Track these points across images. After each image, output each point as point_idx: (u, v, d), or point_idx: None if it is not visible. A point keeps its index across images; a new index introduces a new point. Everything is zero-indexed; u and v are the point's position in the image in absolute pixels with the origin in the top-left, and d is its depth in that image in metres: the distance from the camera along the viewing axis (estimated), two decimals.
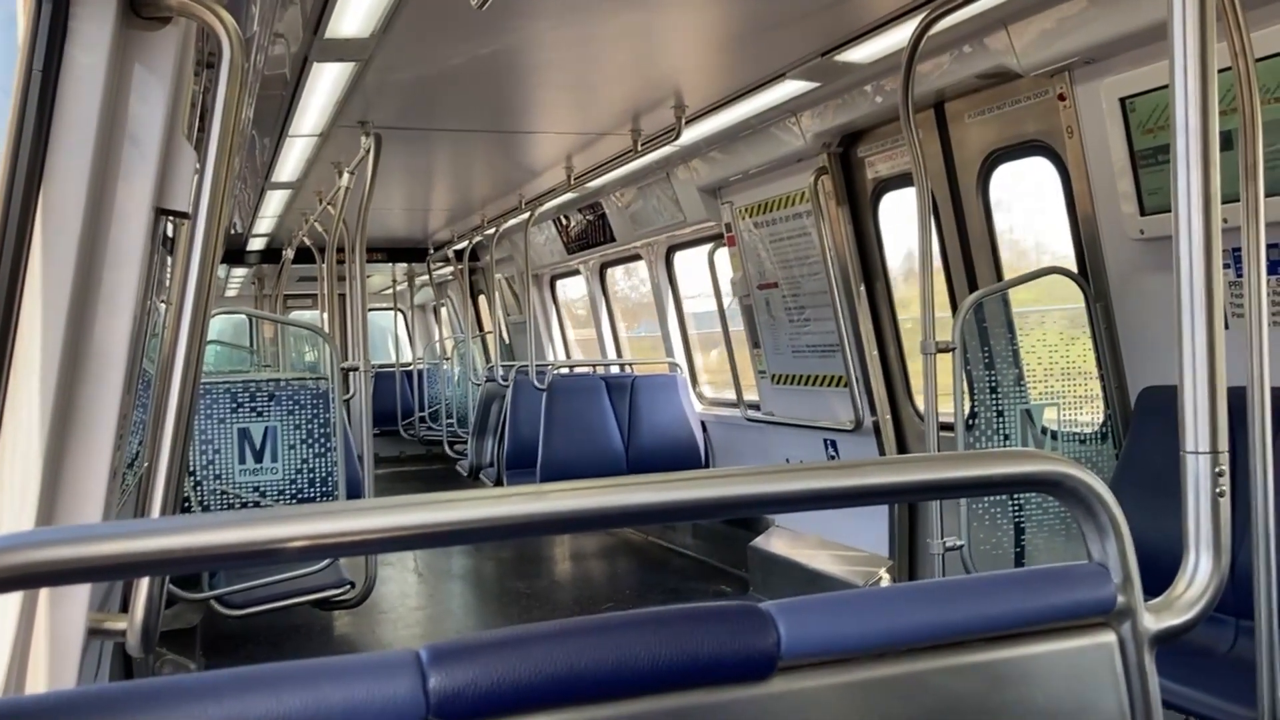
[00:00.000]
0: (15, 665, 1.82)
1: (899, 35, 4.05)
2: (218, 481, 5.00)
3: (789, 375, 6.64)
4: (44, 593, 1.96)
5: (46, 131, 1.86)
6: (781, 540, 6.79)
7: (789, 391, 6.69)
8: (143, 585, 2.12)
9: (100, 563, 0.87)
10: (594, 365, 9.61)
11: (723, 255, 6.99)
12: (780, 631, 1.11)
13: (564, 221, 9.31)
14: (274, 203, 8.07)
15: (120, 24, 1.89)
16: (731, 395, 7.68)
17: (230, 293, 14.10)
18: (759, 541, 6.87)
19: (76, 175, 1.89)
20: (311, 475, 5.01)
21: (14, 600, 1.82)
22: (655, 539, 9.14)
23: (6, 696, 1.72)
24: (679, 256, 8.55)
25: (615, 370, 9.33)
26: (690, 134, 5.65)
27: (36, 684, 1.92)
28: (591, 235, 8.98)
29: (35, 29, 1.81)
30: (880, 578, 5.84)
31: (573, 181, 7.12)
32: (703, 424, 8.32)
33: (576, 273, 10.28)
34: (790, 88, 4.90)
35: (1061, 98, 4.17)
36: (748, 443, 7.63)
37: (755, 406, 7.23)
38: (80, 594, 2.03)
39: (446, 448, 11.45)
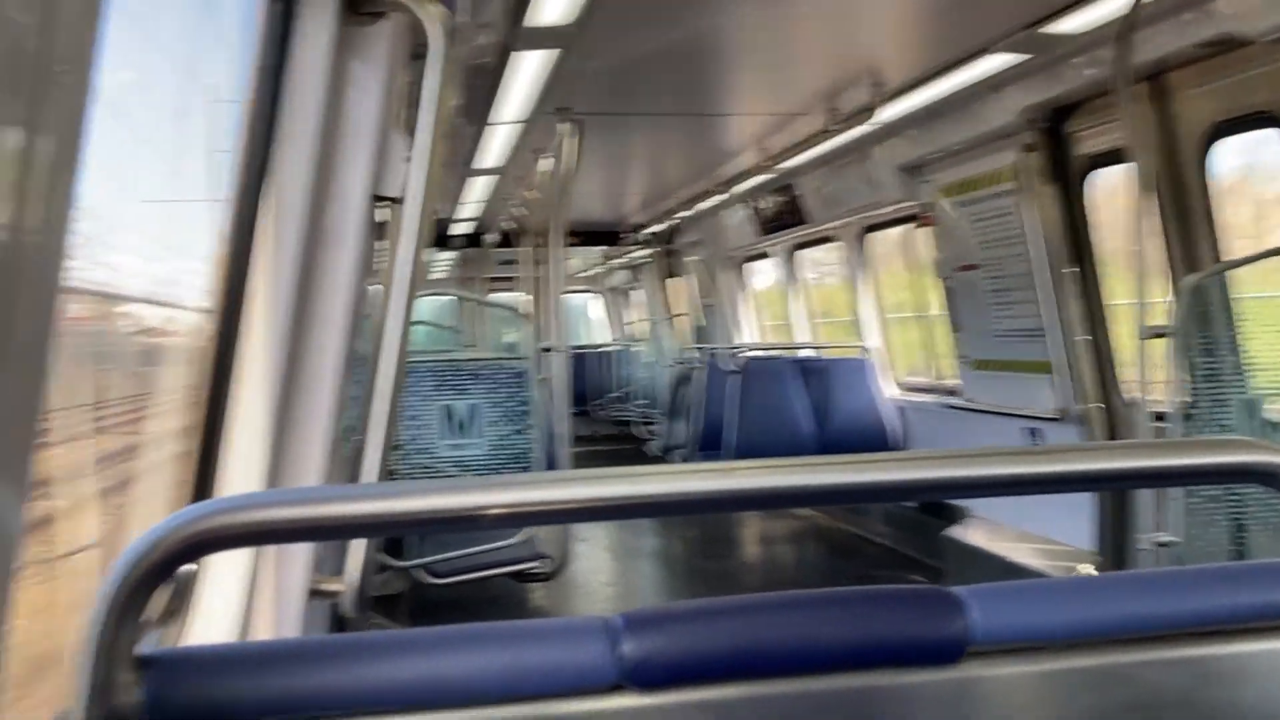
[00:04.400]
0: (245, 618, 1.97)
1: (1114, 3, 3.82)
2: (423, 455, 5.26)
3: (991, 361, 6.40)
4: (270, 554, 2.12)
5: (274, 124, 2.00)
6: (978, 531, 6.57)
7: (990, 377, 6.45)
8: (356, 550, 2.26)
9: (319, 523, 0.94)
10: (785, 349, 9.54)
11: (919, 237, 6.80)
12: (971, 616, 1.08)
13: (756, 204, 9.27)
14: (477, 188, 8.38)
15: (339, 21, 2.01)
16: (926, 380, 7.47)
17: (439, 276, 14.73)
18: (953, 531, 6.68)
19: (300, 164, 2.03)
20: (510, 450, 5.20)
21: (244, 557, 1.98)
22: (845, 525, 9.02)
23: (239, 641, 1.87)
24: (873, 238, 8.38)
25: (806, 354, 9.24)
26: (887, 112, 5.51)
27: (262, 636, 2.08)
28: (784, 217, 8.90)
29: (266, 30, 1.95)
30: (1085, 573, 5.57)
31: (766, 163, 7.07)
32: (899, 409, 8.14)
33: (767, 255, 10.23)
34: (995, 61, 4.70)
35: None
36: (945, 430, 7.41)
37: (953, 393, 7.01)
38: (302, 557, 2.19)
39: (637, 428, 11.63)
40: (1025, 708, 1.10)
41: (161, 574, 0.88)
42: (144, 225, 2.21)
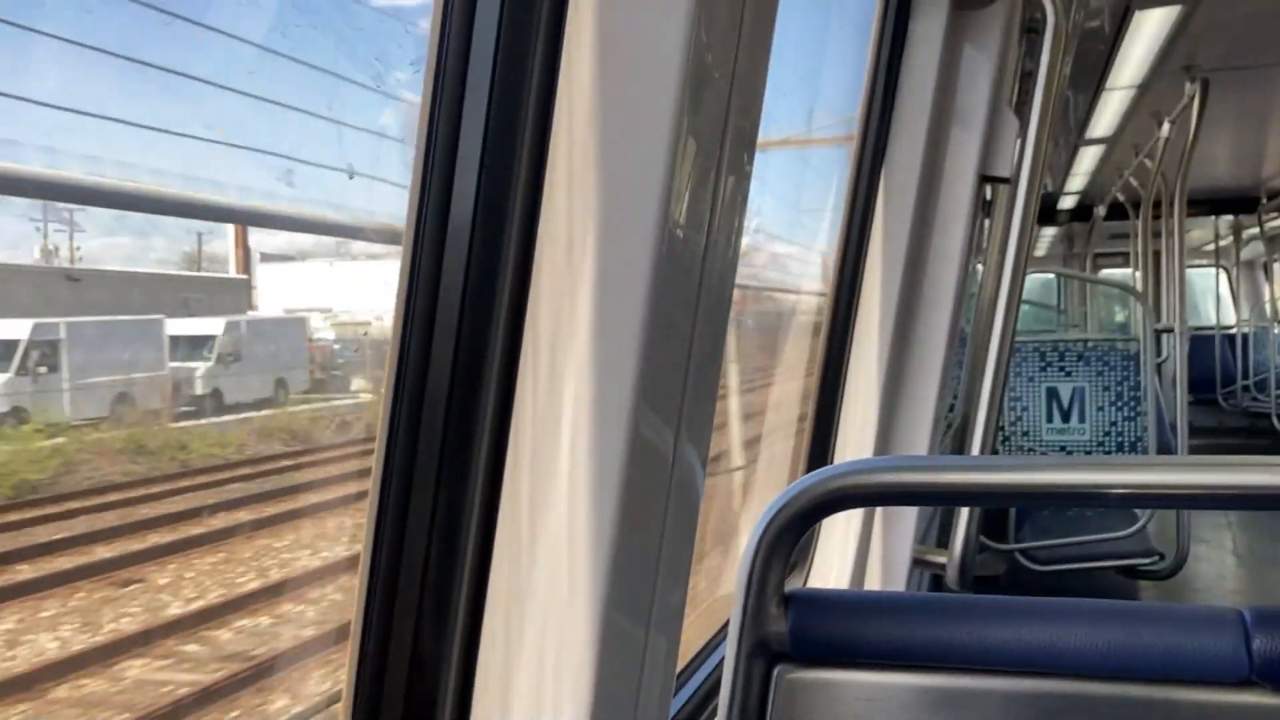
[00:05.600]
0: (855, 576, 2.13)
1: None
2: (1025, 438, 5.14)
3: None
4: (878, 522, 2.26)
5: (889, 111, 2.11)
6: None
7: None
8: (960, 525, 2.32)
9: (928, 489, 1.02)
10: None
11: None
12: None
13: None
14: (1086, 160, 7.93)
15: (953, 8, 2.06)
16: None
17: (1038, 253, 14.17)
18: None
19: (912, 150, 2.12)
20: (1120, 438, 4.89)
21: (856, 522, 2.13)
22: None
23: (874, 590, 2.03)
24: None
25: None
26: None
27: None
28: None
29: (882, 24, 2.06)
30: None
31: None
32: None
33: None
34: None
35: None
36: None
37: None
38: (908, 526, 2.30)
39: (1276, 421, 10.21)
40: None
41: (803, 524, 1.02)
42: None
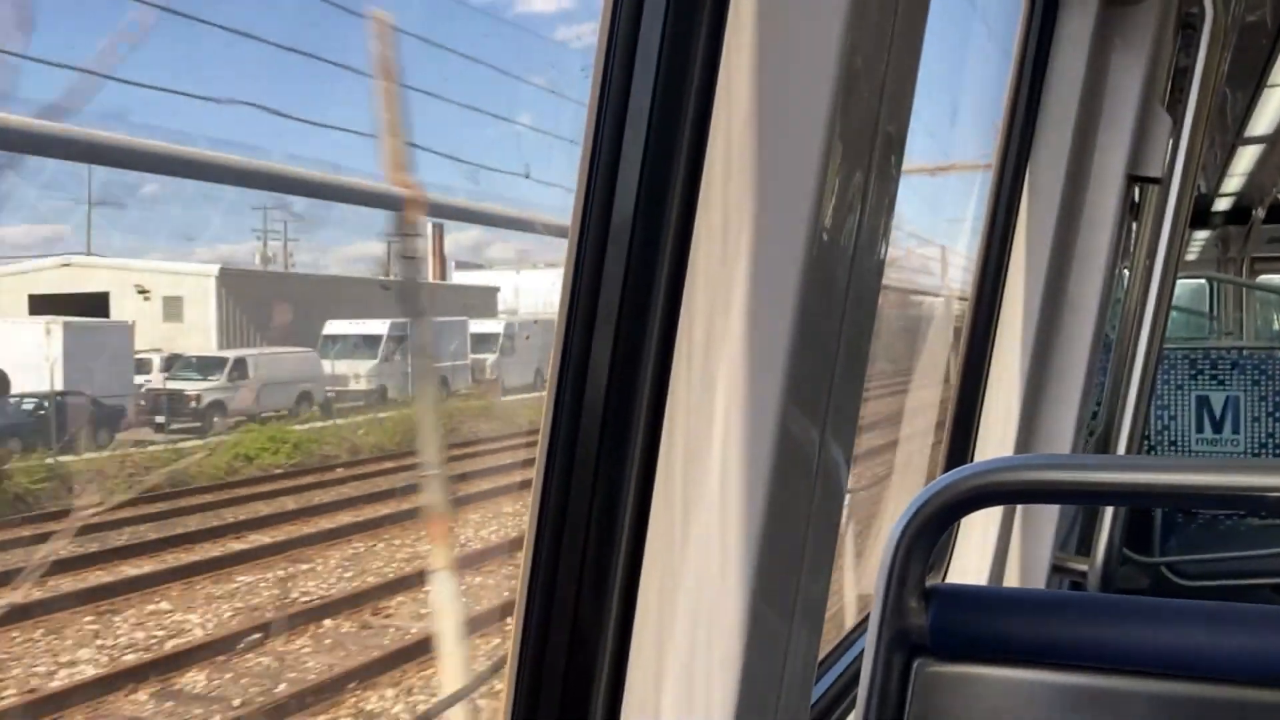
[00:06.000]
0: (992, 579, 2.11)
1: None
2: (1171, 448, 4.94)
3: None
4: (1017, 524, 2.23)
5: (1034, 112, 2.09)
6: None
7: None
8: (1103, 532, 2.27)
9: (1075, 487, 1.01)
10: None
11: None
12: None
13: None
14: (1244, 159, 7.56)
15: (1103, 5, 2.02)
16: None
17: (1188, 257, 13.54)
18: None
19: (1058, 148, 2.09)
20: (1278, 448, 4.67)
21: (994, 523, 2.11)
22: None
23: (1019, 587, 2.01)
24: None
25: None
26: None
27: None
28: None
29: (1028, 23, 2.04)
30: None
31: None
32: None
33: None
34: None
35: None
36: None
37: None
38: (1047, 531, 2.26)
39: None
40: None
41: (947, 519, 1.03)
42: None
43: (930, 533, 1.02)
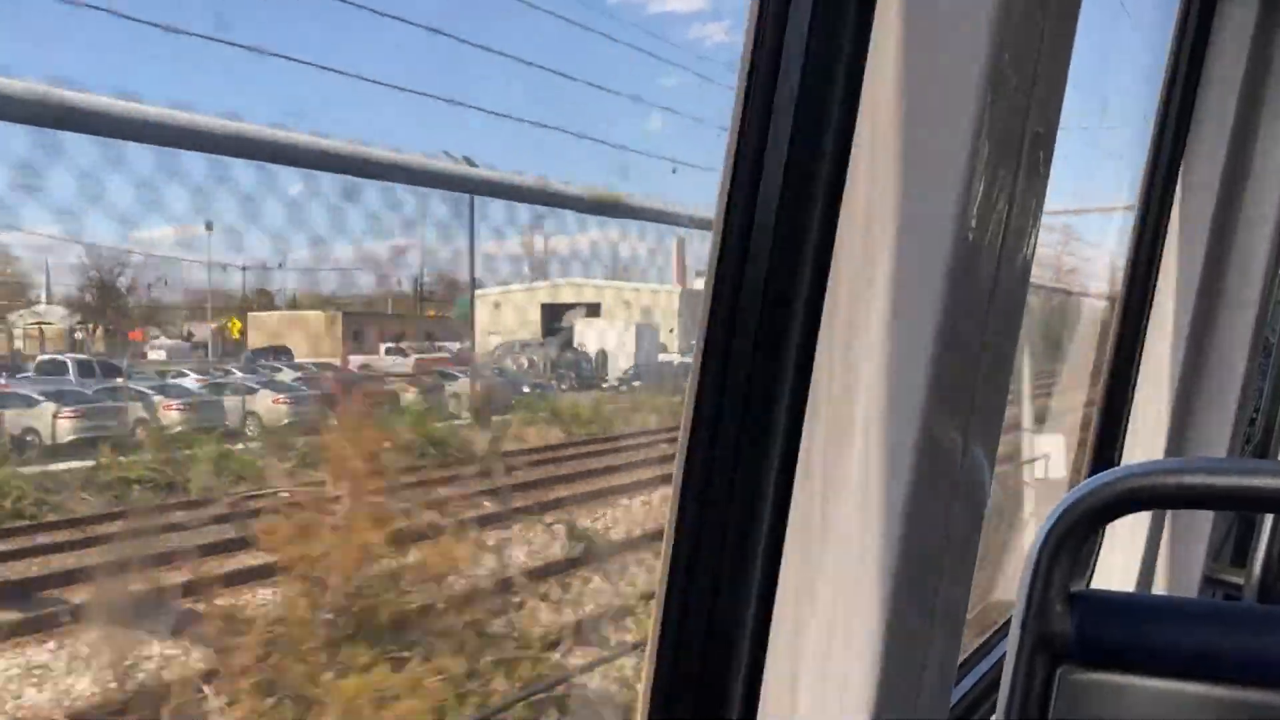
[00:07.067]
0: (1140, 585, 2.04)
1: None
2: None
3: None
4: (1167, 533, 2.15)
5: (1190, 106, 2.01)
6: None
7: None
8: (1261, 542, 2.17)
9: (1235, 492, 0.97)
10: None
11: None
12: None
13: None
14: None
15: (1265, 2, 1.94)
16: None
17: None
18: None
19: (1215, 143, 2.00)
20: None
21: (1142, 530, 2.04)
22: None
23: (1169, 594, 1.94)
24: None
25: None
26: None
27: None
28: None
29: (1185, 15, 1.96)
30: None
31: None
32: None
33: None
34: None
35: None
36: None
37: None
38: (1199, 540, 2.17)
39: None
40: None
41: (1094, 523, 1.00)
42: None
43: (1077, 537, 1.00)
